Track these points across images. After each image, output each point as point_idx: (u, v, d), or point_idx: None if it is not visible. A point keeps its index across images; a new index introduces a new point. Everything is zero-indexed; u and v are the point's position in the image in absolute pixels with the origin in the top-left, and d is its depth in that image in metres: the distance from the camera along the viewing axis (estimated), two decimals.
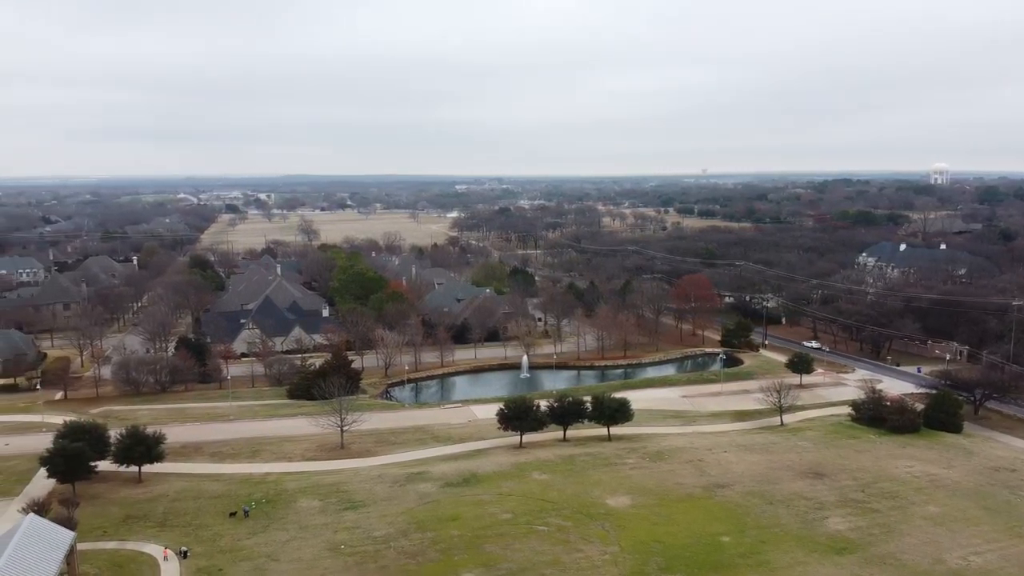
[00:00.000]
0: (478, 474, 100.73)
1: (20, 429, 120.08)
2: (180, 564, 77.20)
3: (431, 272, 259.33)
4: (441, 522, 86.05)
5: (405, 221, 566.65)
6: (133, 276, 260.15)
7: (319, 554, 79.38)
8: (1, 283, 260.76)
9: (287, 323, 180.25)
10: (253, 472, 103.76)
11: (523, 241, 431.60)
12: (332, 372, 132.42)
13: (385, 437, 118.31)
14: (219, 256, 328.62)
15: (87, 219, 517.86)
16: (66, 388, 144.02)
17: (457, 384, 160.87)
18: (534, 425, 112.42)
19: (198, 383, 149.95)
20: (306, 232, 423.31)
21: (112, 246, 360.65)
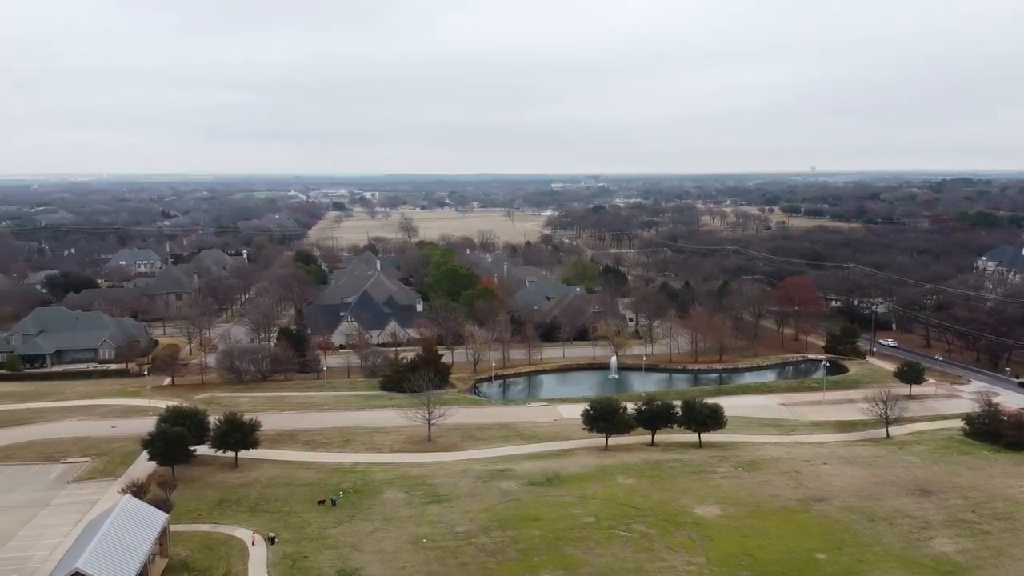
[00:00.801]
0: (561, 474, 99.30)
1: (128, 412, 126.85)
2: (267, 549, 79.29)
3: (522, 270, 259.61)
4: (522, 521, 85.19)
5: (500, 219, 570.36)
6: (242, 269, 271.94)
7: (401, 547, 79.92)
8: (120, 274, 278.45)
9: (383, 317, 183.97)
10: (343, 461, 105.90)
11: (617, 240, 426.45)
12: (422, 366, 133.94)
13: (471, 432, 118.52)
14: (324, 251, 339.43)
15: (203, 214, 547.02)
16: (173, 374, 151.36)
17: (544, 382, 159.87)
18: (620, 428, 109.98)
19: (297, 373, 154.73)
20: (406, 229, 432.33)
21: (225, 240, 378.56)
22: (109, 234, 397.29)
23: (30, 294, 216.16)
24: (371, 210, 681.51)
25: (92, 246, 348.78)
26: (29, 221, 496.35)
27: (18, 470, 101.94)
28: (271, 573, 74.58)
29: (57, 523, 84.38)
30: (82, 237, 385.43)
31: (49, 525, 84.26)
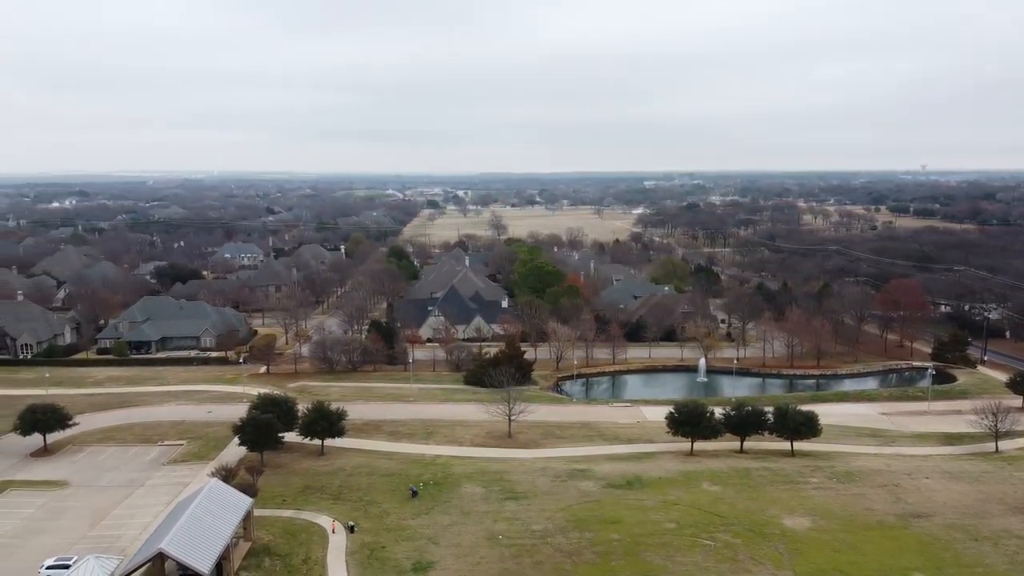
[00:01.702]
0: (643, 478, 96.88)
1: (224, 399, 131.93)
2: (347, 538, 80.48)
3: (609, 268, 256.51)
4: (601, 523, 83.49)
5: (589, 217, 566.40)
6: (339, 263, 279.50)
7: (478, 542, 79.64)
8: (225, 266, 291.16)
9: (469, 312, 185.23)
10: (425, 453, 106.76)
11: (711, 238, 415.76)
12: (505, 362, 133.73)
13: (551, 430, 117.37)
14: (416, 247, 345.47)
15: (305, 211, 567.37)
16: (269, 363, 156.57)
17: (628, 383, 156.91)
18: (707, 432, 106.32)
19: (386, 364, 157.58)
20: (495, 227, 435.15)
21: (324, 236, 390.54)
22: (217, 228, 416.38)
23: (139, 284, 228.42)
24: (463, 208, 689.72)
25: (200, 239, 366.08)
26: (143, 215, 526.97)
27: (119, 451, 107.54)
28: (349, 562, 75.63)
29: (150, 503, 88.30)
30: (192, 231, 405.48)
31: (142, 505, 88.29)
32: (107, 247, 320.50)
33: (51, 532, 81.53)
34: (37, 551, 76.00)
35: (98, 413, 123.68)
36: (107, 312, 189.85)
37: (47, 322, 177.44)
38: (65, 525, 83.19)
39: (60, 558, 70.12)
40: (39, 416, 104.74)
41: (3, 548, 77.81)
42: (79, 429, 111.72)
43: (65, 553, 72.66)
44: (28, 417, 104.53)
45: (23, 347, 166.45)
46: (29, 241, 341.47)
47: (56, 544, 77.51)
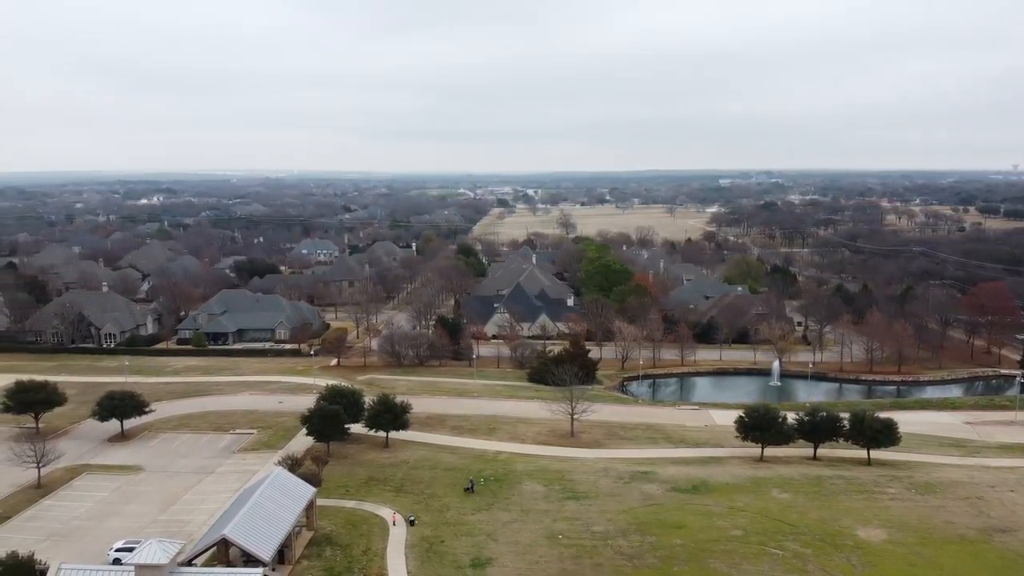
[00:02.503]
0: (709, 482, 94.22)
1: (295, 390, 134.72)
2: (407, 530, 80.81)
3: (680, 267, 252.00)
4: (664, 527, 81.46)
5: (661, 216, 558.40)
6: (410, 260, 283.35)
7: (537, 540, 78.79)
8: (301, 262, 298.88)
9: (534, 309, 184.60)
10: (487, 449, 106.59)
11: (788, 238, 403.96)
12: (569, 360, 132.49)
13: (615, 431, 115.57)
14: (485, 245, 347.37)
15: (380, 209, 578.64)
16: (339, 356, 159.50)
17: (697, 385, 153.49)
18: (778, 438, 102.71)
19: (451, 360, 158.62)
20: (564, 225, 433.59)
21: (397, 234, 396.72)
22: (295, 225, 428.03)
23: (219, 277, 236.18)
24: (533, 207, 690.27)
25: (279, 236, 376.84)
26: (226, 212, 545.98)
27: (192, 438, 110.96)
28: (408, 555, 75.82)
29: (219, 490, 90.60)
30: (271, 227, 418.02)
31: (212, 491, 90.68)
32: (190, 242, 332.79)
33: (123, 515, 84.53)
34: (108, 534, 78.82)
35: (175, 401, 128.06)
36: (188, 304, 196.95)
37: (130, 313, 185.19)
38: (137, 509, 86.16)
39: (128, 541, 72.36)
40: (117, 402, 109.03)
41: (76, 530, 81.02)
42: (155, 416, 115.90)
43: (134, 536, 74.91)
44: (106, 403, 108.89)
45: (107, 336, 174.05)
46: (117, 235, 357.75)
47: (127, 527, 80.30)
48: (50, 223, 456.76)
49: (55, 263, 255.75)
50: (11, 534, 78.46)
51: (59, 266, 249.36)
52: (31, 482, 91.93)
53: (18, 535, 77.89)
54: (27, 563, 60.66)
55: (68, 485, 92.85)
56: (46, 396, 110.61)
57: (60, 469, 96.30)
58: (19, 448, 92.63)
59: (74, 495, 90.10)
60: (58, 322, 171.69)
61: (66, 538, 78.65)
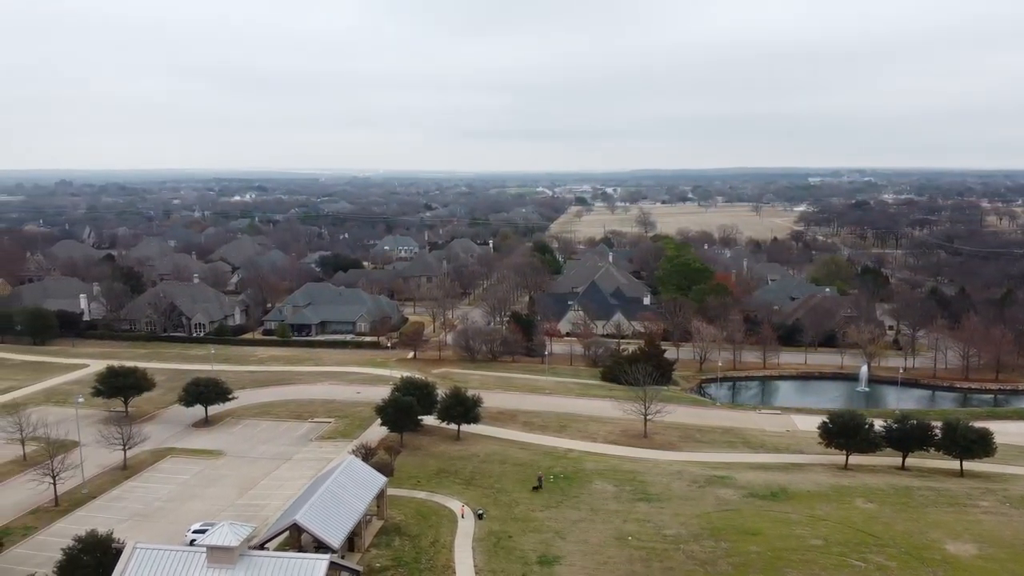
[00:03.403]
0: (789, 489, 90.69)
1: (373, 381, 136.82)
2: (475, 524, 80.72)
3: (765, 267, 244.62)
4: (739, 534, 78.76)
5: (745, 214, 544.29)
6: (486, 257, 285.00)
7: (606, 541, 77.42)
8: (383, 257, 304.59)
9: (609, 308, 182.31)
10: (557, 446, 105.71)
11: (880, 239, 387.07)
12: (644, 359, 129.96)
13: (691, 433, 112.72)
14: (561, 243, 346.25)
15: (460, 207, 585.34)
16: (416, 349, 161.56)
17: (779, 389, 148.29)
18: (864, 446, 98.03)
19: (524, 356, 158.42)
20: (643, 223, 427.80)
21: (476, 231, 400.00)
22: (378, 223, 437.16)
23: (304, 271, 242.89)
24: (611, 205, 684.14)
25: (363, 232, 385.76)
26: (314, 209, 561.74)
27: (272, 425, 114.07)
28: (475, 548, 75.67)
29: (295, 476, 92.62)
30: (356, 224, 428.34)
31: (288, 478, 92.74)
32: (279, 237, 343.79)
33: (202, 498, 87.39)
34: (188, 515, 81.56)
35: (257, 389, 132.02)
36: (274, 296, 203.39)
37: (219, 304, 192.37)
38: (216, 492, 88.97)
39: (206, 523, 74.40)
40: (202, 389, 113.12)
41: (158, 511, 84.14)
42: (238, 403, 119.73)
43: (213, 519, 77.15)
44: (192, 390, 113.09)
45: (196, 326, 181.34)
46: (211, 230, 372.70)
47: (206, 510, 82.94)
48: (148, 218, 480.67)
49: (151, 256, 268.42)
50: (96, 513, 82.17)
51: (154, 258, 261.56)
52: (118, 464, 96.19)
53: (103, 514, 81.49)
54: (105, 542, 63.14)
55: (153, 467, 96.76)
56: (135, 381, 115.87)
57: (146, 452, 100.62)
58: (107, 431, 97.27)
59: (158, 477, 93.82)
60: (151, 311, 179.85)
61: (147, 519, 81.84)
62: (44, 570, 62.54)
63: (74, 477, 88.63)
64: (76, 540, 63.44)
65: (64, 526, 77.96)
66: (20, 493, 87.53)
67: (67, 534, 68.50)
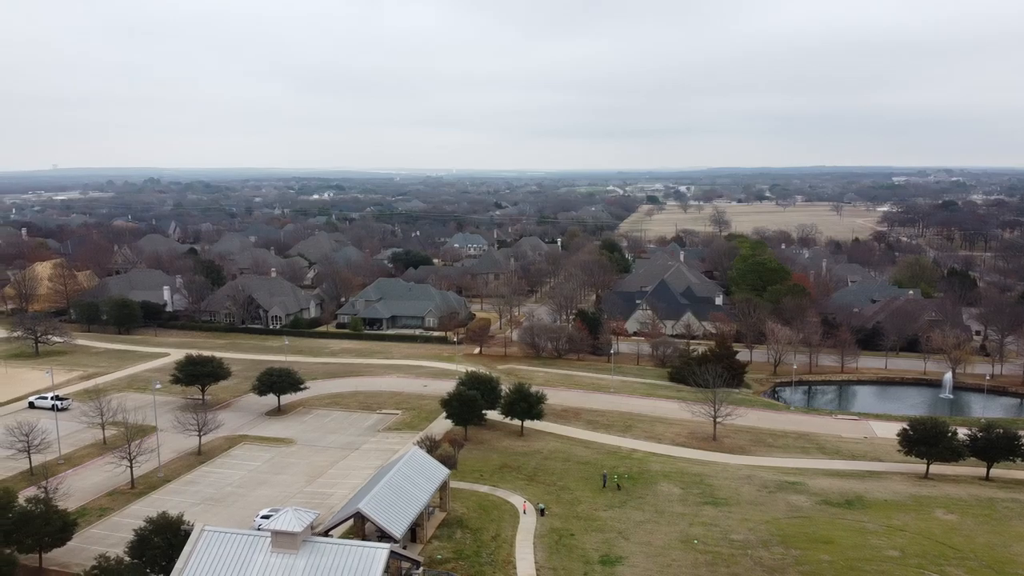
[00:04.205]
0: (865, 498, 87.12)
1: (439, 375, 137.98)
2: (536, 520, 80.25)
3: (845, 268, 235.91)
4: (810, 542, 76.01)
5: (826, 214, 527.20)
6: (554, 255, 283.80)
7: (670, 543, 75.89)
8: (453, 254, 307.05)
9: (679, 307, 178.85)
10: (622, 446, 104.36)
11: (968, 240, 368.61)
12: (714, 360, 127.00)
13: (762, 437, 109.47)
14: (630, 241, 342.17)
15: (529, 206, 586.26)
16: (482, 345, 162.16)
17: (857, 394, 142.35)
18: (946, 455, 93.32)
19: (589, 354, 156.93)
20: (717, 222, 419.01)
21: (544, 229, 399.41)
22: (450, 221, 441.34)
23: (377, 267, 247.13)
24: (684, 203, 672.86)
25: (434, 230, 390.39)
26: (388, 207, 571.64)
27: (342, 415, 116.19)
28: (537, 544, 75.22)
29: (362, 466, 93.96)
30: (427, 222, 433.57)
31: (355, 467, 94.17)
32: (354, 234, 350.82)
33: (272, 485, 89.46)
34: (257, 501, 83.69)
35: (328, 380, 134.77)
36: (348, 291, 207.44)
37: (296, 297, 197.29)
38: (285, 480, 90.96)
39: (274, 509, 76.12)
40: (275, 379, 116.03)
41: (229, 496, 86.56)
42: (310, 393, 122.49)
43: (281, 505, 78.87)
44: (265, 379, 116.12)
45: (273, 318, 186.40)
46: (289, 227, 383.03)
47: (275, 496, 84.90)
48: (231, 215, 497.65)
49: (232, 250, 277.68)
50: (170, 497, 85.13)
51: (235, 253, 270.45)
52: (192, 449, 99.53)
53: (176, 498, 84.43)
54: (175, 523, 65.24)
55: (226, 453, 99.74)
56: (212, 370, 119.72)
57: (220, 438, 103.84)
58: (184, 417, 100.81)
59: (230, 463, 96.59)
60: (231, 303, 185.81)
61: (219, 503, 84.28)
62: (117, 550, 64.84)
63: (150, 461, 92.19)
64: (147, 521, 65.76)
65: (139, 508, 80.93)
66: (98, 475, 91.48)
67: (141, 516, 71.05)
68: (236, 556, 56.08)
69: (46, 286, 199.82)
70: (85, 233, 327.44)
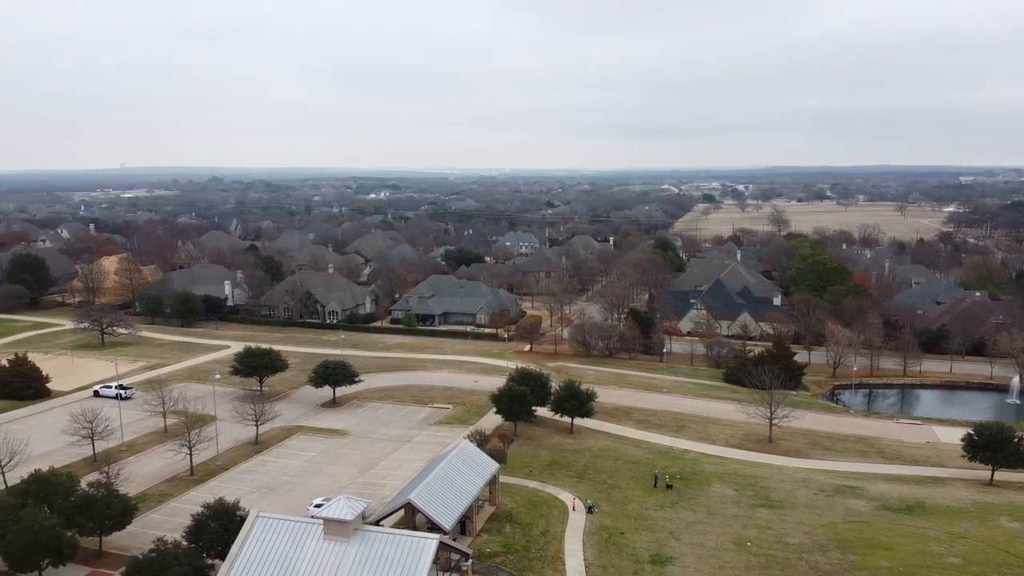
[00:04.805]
0: (926, 504, 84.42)
1: (490, 371, 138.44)
2: (586, 517, 79.89)
3: (908, 269, 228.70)
4: (868, 547, 74.04)
5: (889, 214, 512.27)
6: (606, 254, 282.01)
7: (722, 545, 74.76)
8: (504, 253, 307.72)
9: (735, 307, 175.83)
10: (674, 446, 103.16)
11: None
12: (771, 362, 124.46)
13: (820, 440, 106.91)
14: (685, 240, 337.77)
15: (582, 205, 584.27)
16: (532, 342, 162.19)
17: (920, 398, 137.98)
18: (1012, 460, 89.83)
19: (641, 353, 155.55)
20: (776, 222, 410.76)
21: (596, 228, 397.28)
22: (502, 220, 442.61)
23: (430, 264, 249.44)
24: (742, 202, 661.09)
25: (487, 229, 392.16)
26: (442, 206, 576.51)
27: (394, 408, 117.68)
28: (586, 541, 74.93)
29: (413, 458, 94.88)
30: (480, 221, 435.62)
31: (407, 459, 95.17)
32: (409, 232, 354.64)
33: (326, 475, 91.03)
34: (311, 491, 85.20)
35: (382, 374, 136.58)
36: (402, 288, 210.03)
37: (352, 293, 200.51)
38: (339, 470, 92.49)
39: (327, 498, 77.25)
40: (330, 371, 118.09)
41: (284, 484, 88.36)
42: (364, 386, 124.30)
43: (334, 495, 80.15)
44: (321, 371, 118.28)
45: (330, 313, 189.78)
46: (347, 225, 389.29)
47: (328, 486, 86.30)
48: (291, 213, 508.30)
49: (291, 247, 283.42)
50: (227, 484, 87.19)
51: (294, 249, 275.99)
52: (250, 439, 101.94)
53: (233, 485, 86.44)
54: (231, 509, 67.00)
55: (282, 444, 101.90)
56: (269, 362, 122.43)
57: (276, 428, 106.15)
58: (242, 407, 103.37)
59: (286, 453, 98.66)
60: (289, 298, 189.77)
61: (274, 491, 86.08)
62: (175, 534, 66.75)
63: (209, 449, 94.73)
64: (205, 507, 67.63)
65: (197, 494, 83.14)
66: (159, 462, 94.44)
67: (198, 502, 72.99)
68: (289, 542, 57.22)
69: (112, 280, 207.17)
70: (150, 229, 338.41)
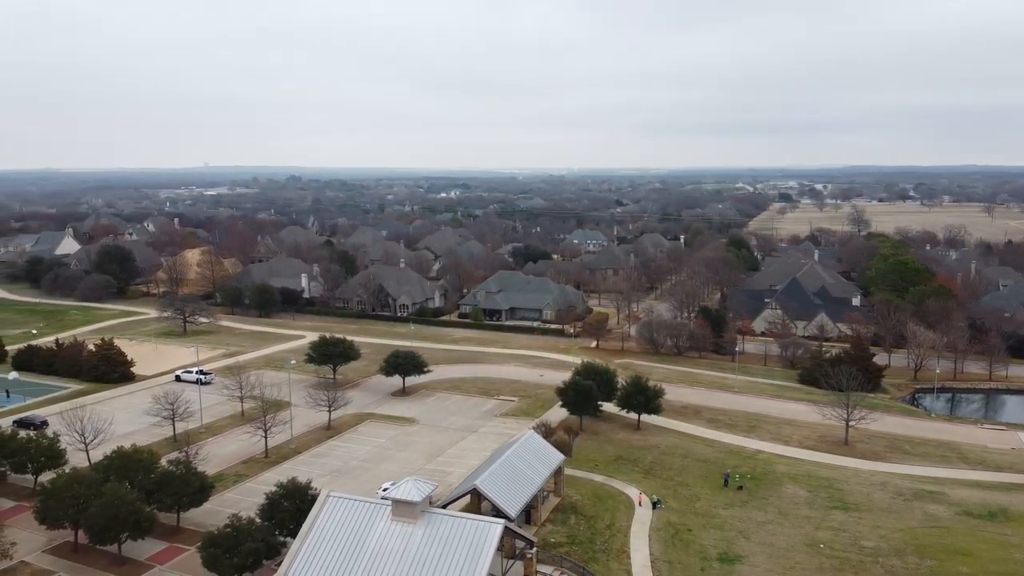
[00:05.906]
0: (1009, 510, 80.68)
1: (556, 366, 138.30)
2: (652, 513, 79.07)
3: (996, 271, 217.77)
4: (947, 553, 71.18)
5: (976, 215, 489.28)
6: (676, 252, 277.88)
7: (794, 546, 73.01)
8: (572, 250, 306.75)
9: (811, 307, 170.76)
10: (745, 446, 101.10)
11: None
12: (848, 363, 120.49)
13: (899, 444, 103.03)
14: (760, 239, 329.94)
15: (651, 203, 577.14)
16: (599, 339, 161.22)
17: (1007, 403, 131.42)
18: None
19: (712, 353, 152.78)
20: (855, 222, 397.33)
21: (666, 227, 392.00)
22: (570, 218, 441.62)
23: (498, 261, 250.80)
24: (820, 202, 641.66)
25: (555, 227, 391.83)
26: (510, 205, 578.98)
27: (462, 399, 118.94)
28: (652, 537, 74.25)
29: (479, 448, 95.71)
30: (548, 219, 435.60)
31: (472, 449, 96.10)
32: (477, 230, 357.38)
33: (395, 460, 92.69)
34: (380, 475, 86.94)
35: (450, 366, 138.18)
36: (470, 283, 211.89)
37: (422, 287, 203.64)
38: (407, 456, 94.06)
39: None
40: (401, 361, 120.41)
41: (354, 469, 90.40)
42: (432, 377, 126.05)
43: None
44: (392, 361, 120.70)
45: (400, 306, 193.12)
46: (418, 223, 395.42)
47: (397, 471, 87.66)
48: (365, 211, 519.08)
49: (365, 243, 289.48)
50: (300, 467, 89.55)
51: (368, 245, 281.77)
52: (322, 424, 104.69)
53: (305, 468, 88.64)
54: (303, 489, 69.13)
55: (353, 429, 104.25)
56: (343, 351, 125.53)
57: (348, 415, 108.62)
58: (316, 394, 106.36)
59: (357, 439, 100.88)
60: (362, 291, 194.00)
61: (344, 475, 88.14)
62: (249, 513, 69.02)
63: (283, 433, 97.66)
64: (278, 486, 69.83)
65: (271, 476, 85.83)
66: (236, 444, 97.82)
67: (272, 482, 75.42)
68: (358, 521, 58.48)
69: (195, 271, 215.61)
70: (231, 224, 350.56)
